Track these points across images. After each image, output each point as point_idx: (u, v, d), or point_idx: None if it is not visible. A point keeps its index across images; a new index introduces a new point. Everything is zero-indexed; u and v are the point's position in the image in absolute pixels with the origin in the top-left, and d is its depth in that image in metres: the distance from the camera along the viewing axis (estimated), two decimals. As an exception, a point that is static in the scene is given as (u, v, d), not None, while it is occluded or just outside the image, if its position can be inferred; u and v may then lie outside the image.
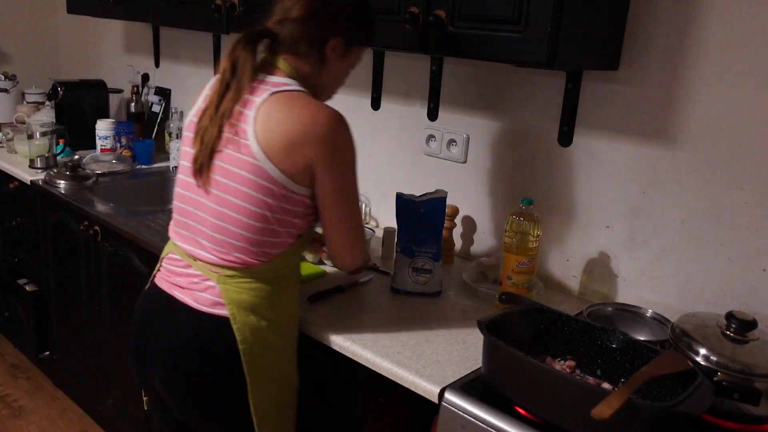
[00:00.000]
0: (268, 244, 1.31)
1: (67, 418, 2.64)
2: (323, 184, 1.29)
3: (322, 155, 1.26)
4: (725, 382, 1.15)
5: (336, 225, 1.36)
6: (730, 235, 1.47)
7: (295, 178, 1.27)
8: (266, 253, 1.32)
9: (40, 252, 2.65)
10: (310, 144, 1.25)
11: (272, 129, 1.25)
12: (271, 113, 1.26)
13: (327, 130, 1.26)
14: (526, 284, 1.55)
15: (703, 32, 1.45)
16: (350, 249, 1.40)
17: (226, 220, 1.29)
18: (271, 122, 1.26)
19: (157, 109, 3.00)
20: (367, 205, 2.16)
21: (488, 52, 1.43)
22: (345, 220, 1.36)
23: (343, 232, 1.37)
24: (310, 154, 1.26)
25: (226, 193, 1.29)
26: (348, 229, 1.37)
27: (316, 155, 1.26)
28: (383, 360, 1.33)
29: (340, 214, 1.34)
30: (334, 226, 1.36)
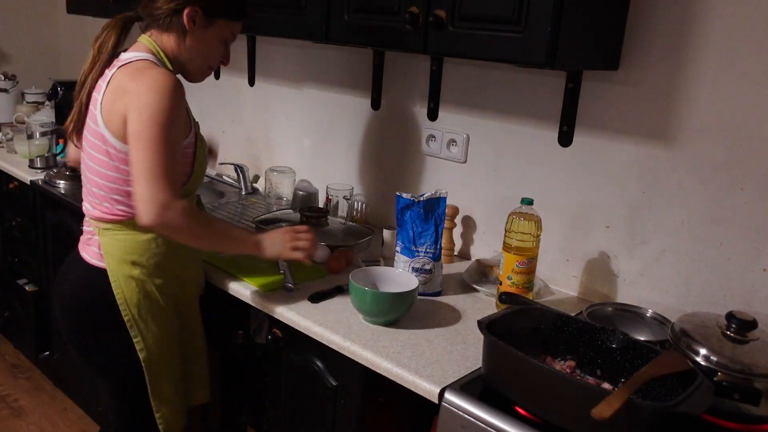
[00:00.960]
0: (124, 200, 1.44)
1: (67, 418, 2.64)
2: (129, 131, 1.35)
3: (129, 106, 1.34)
4: (725, 382, 1.15)
5: (134, 171, 1.35)
6: (730, 235, 1.47)
7: (119, 136, 1.38)
8: (127, 207, 1.44)
9: (40, 252, 2.65)
10: (124, 98, 1.36)
11: (110, 90, 1.41)
12: (116, 83, 1.40)
13: (143, 85, 1.34)
14: (526, 284, 1.55)
15: (702, 32, 1.45)
16: (142, 196, 1.33)
17: (94, 177, 1.46)
18: (113, 85, 1.40)
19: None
20: (367, 205, 2.16)
21: (488, 52, 1.43)
22: (138, 164, 1.33)
23: (136, 176, 1.34)
24: (123, 107, 1.36)
25: (88, 155, 1.47)
26: (140, 173, 1.33)
27: (126, 105, 1.35)
28: (383, 360, 1.33)
29: (136, 158, 1.34)
30: (132, 172, 1.36)
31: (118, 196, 1.44)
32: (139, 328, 1.50)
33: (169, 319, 1.55)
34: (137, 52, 1.45)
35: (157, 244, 1.49)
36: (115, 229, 1.48)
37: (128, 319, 1.48)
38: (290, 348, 1.57)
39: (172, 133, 1.35)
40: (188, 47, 1.47)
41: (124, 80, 1.39)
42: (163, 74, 1.37)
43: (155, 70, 1.38)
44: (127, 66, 1.42)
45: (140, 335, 1.50)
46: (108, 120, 1.40)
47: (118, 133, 1.39)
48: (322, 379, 1.50)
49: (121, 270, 1.47)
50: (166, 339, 1.54)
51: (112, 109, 1.39)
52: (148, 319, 1.50)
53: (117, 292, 1.47)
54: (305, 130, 2.40)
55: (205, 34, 1.47)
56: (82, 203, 1.55)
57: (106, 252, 1.48)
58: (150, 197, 1.32)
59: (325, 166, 2.37)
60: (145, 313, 1.49)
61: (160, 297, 1.51)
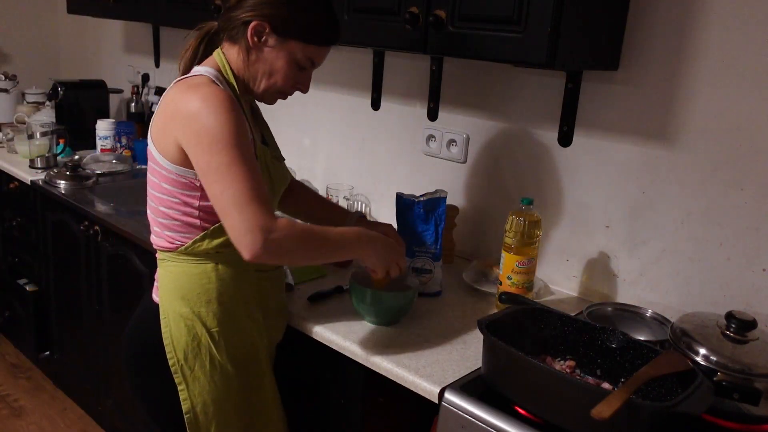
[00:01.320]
0: (177, 226, 1.32)
1: (67, 418, 2.64)
2: (195, 163, 1.22)
3: (185, 132, 1.21)
4: (725, 382, 1.15)
5: (218, 207, 1.20)
6: (730, 235, 1.47)
7: (171, 158, 1.26)
8: (173, 234, 1.33)
9: (40, 252, 2.65)
10: (175, 121, 1.23)
11: (159, 112, 1.30)
12: (167, 101, 1.29)
13: (193, 106, 1.20)
14: (526, 284, 1.55)
15: (702, 32, 1.45)
16: (234, 229, 1.17)
17: (148, 199, 1.37)
18: (162, 105, 1.30)
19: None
20: (367, 205, 2.16)
21: (488, 52, 1.43)
22: (218, 198, 1.18)
23: (221, 212, 1.19)
24: (177, 132, 1.23)
25: (149, 180, 1.36)
26: (223, 207, 1.18)
27: (182, 132, 1.22)
28: (383, 360, 1.33)
29: (214, 193, 1.19)
30: (216, 207, 1.21)
31: (164, 220, 1.32)
32: (184, 374, 1.34)
33: (223, 372, 1.35)
34: (201, 67, 1.31)
35: (209, 279, 1.32)
36: (168, 259, 1.35)
37: (173, 363, 1.33)
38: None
39: (241, 149, 1.18)
40: (251, 64, 1.30)
41: (174, 99, 1.26)
42: (214, 91, 1.22)
43: (207, 87, 1.23)
44: (181, 83, 1.28)
45: (185, 383, 1.34)
46: (157, 138, 1.28)
47: (167, 153, 1.26)
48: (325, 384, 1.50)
49: (171, 306, 1.34)
50: (216, 394, 1.35)
51: (162, 130, 1.27)
52: (195, 367, 1.33)
53: (164, 330, 1.33)
54: (305, 130, 2.40)
55: (271, 53, 1.29)
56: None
57: (160, 285, 1.37)
58: (247, 228, 1.15)
59: (325, 166, 2.37)
60: (192, 359, 1.33)
61: (212, 344, 1.33)
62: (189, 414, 1.36)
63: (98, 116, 2.88)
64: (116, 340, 2.23)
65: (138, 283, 2.05)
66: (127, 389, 1.53)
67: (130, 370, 1.45)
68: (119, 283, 2.19)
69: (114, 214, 2.19)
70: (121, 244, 2.11)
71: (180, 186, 1.28)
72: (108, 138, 2.75)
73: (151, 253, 1.91)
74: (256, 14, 1.26)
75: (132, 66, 3.21)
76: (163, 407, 1.42)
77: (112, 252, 2.18)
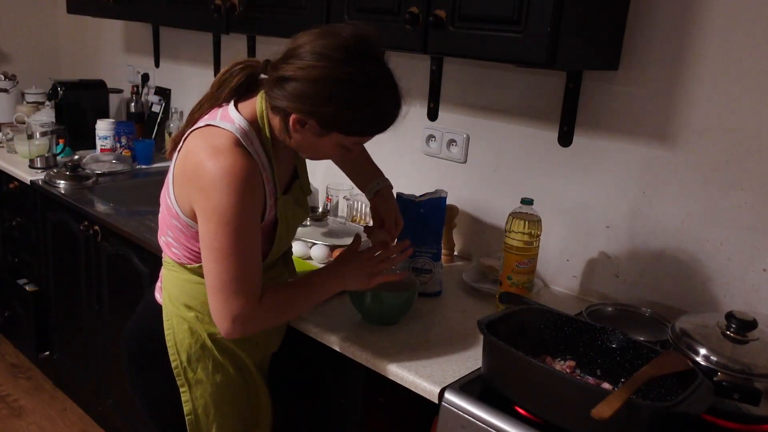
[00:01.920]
0: (184, 249, 1.32)
1: (67, 418, 2.64)
2: (200, 231, 1.21)
3: (198, 201, 1.20)
4: (725, 382, 1.15)
5: (208, 282, 1.21)
6: (730, 235, 1.47)
7: (184, 211, 1.26)
8: (179, 252, 1.33)
9: (40, 252, 2.65)
10: (192, 185, 1.22)
11: (182, 156, 1.26)
12: (188, 149, 1.25)
13: (209, 179, 1.17)
14: (526, 284, 1.55)
15: (703, 32, 1.45)
16: (217, 311, 1.20)
17: (161, 206, 1.36)
18: (186, 150, 1.26)
19: (157, 109, 3.00)
20: (367, 205, 2.16)
21: (488, 52, 1.43)
22: (211, 276, 1.20)
23: (210, 288, 1.21)
24: (192, 197, 1.22)
25: (163, 189, 1.35)
26: (213, 286, 1.20)
27: (195, 199, 1.21)
28: (383, 360, 1.33)
29: (209, 269, 1.20)
30: (206, 281, 1.22)
31: (173, 240, 1.33)
32: (187, 377, 1.35)
33: (225, 375, 1.37)
34: (235, 113, 1.24)
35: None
36: (174, 267, 1.36)
37: (176, 365, 1.35)
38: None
39: (246, 234, 1.19)
40: (295, 141, 1.24)
41: (197, 155, 1.20)
42: (234, 164, 1.16)
43: (228, 159, 1.17)
44: (207, 136, 1.22)
45: (187, 385, 1.35)
46: (176, 188, 1.27)
47: (181, 204, 1.26)
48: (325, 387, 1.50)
49: (175, 309, 1.35)
50: (217, 396, 1.37)
51: (181, 183, 1.25)
52: (197, 369, 1.35)
53: (168, 333, 1.34)
54: (305, 130, 2.39)
55: (316, 139, 1.22)
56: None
57: (164, 287, 1.38)
58: (227, 315, 1.19)
59: (325, 166, 2.37)
60: (194, 362, 1.34)
61: (215, 348, 1.35)
62: (190, 416, 1.36)
63: (98, 116, 2.88)
64: (116, 340, 2.23)
65: (138, 283, 2.05)
66: (127, 387, 1.52)
67: (131, 368, 1.45)
68: (119, 283, 2.19)
69: (114, 214, 2.19)
70: (121, 244, 2.11)
71: (189, 231, 1.29)
72: (108, 138, 2.75)
73: (151, 253, 1.92)
74: (298, 108, 1.17)
75: (132, 66, 3.21)
76: (162, 406, 1.42)
77: (112, 252, 2.18)
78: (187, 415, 1.36)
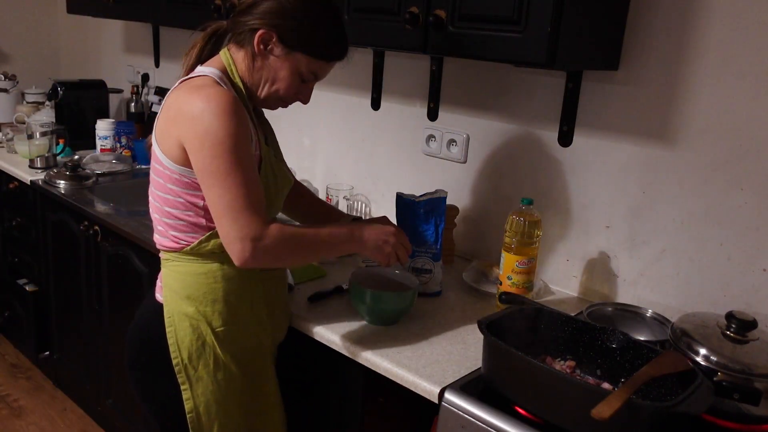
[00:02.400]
0: (182, 226, 1.31)
1: (67, 418, 2.64)
2: (194, 164, 1.22)
3: (186, 133, 1.21)
4: (725, 382, 1.15)
5: (213, 210, 1.23)
6: (730, 235, 1.47)
7: (174, 158, 1.26)
8: (180, 234, 1.32)
9: (40, 252, 2.65)
10: (178, 121, 1.23)
11: (163, 111, 1.30)
12: (171, 101, 1.28)
13: (197, 107, 1.20)
14: (526, 284, 1.55)
15: (702, 32, 1.45)
16: (227, 234, 1.21)
17: (151, 199, 1.36)
18: (166, 106, 1.29)
19: (157, 109, 3.00)
20: (367, 205, 2.16)
21: (488, 52, 1.43)
22: (214, 201, 1.21)
23: (216, 216, 1.22)
24: (179, 133, 1.23)
25: (150, 177, 1.35)
26: (218, 211, 1.21)
27: (184, 133, 1.22)
28: (383, 360, 1.33)
29: (211, 196, 1.21)
30: (211, 210, 1.23)
31: (169, 220, 1.32)
32: (188, 375, 1.34)
33: (227, 372, 1.36)
34: (206, 68, 1.31)
35: (215, 278, 1.33)
36: (173, 259, 1.35)
37: (176, 363, 1.34)
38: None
39: (241, 155, 1.20)
40: (256, 70, 1.30)
41: (179, 99, 1.26)
42: (218, 93, 1.21)
43: (211, 89, 1.22)
44: (185, 83, 1.28)
45: (188, 383, 1.35)
46: (161, 140, 1.28)
47: (170, 154, 1.26)
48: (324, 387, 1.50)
49: (176, 306, 1.34)
50: (219, 394, 1.36)
51: (166, 130, 1.27)
52: (199, 367, 1.34)
53: (169, 330, 1.34)
54: (305, 130, 2.40)
55: (276, 62, 1.29)
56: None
57: (165, 284, 1.37)
58: (237, 236, 1.19)
59: (325, 166, 2.37)
60: (196, 359, 1.34)
61: (217, 344, 1.34)
62: (192, 414, 1.36)
63: (98, 116, 2.88)
64: (116, 340, 2.24)
65: (138, 283, 2.05)
66: (130, 388, 1.52)
67: (133, 368, 1.45)
68: (119, 283, 2.19)
69: (114, 214, 2.19)
70: (121, 244, 2.11)
71: (184, 186, 1.28)
72: (108, 138, 2.75)
73: (151, 253, 1.92)
74: (265, 23, 1.26)
75: (132, 66, 3.21)
76: (165, 405, 1.41)
77: (112, 252, 2.18)
78: (189, 413, 1.36)
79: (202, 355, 1.34)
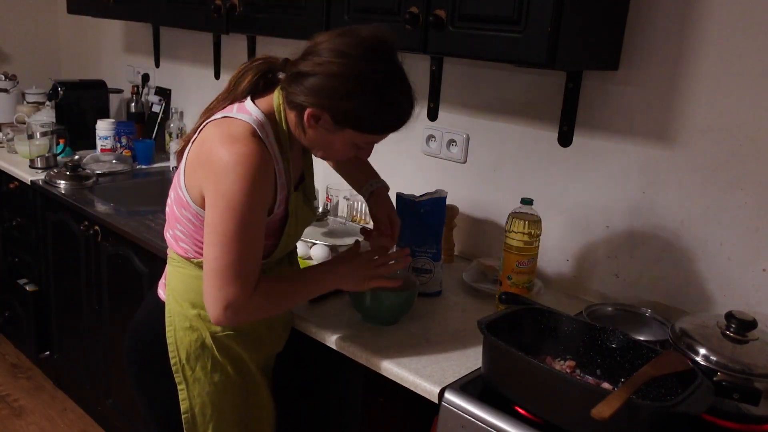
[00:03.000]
0: (192, 243, 1.32)
1: (67, 418, 2.64)
2: (205, 216, 1.22)
3: (208, 186, 1.21)
4: (725, 382, 1.15)
5: (206, 265, 1.21)
6: (730, 235, 1.47)
7: (194, 198, 1.26)
8: (187, 247, 1.33)
9: (40, 252, 2.65)
10: (204, 170, 1.22)
11: (196, 145, 1.27)
12: (203, 138, 1.25)
13: (222, 163, 1.18)
14: (526, 284, 1.55)
15: (703, 32, 1.45)
16: (211, 296, 1.20)
17: (169, 200, 1.35)
18: (201, 139, 1.26)
19: (157, 109, 3.00)
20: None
21: (488, 52, 1.43)
22: (210, 259, 1.20)
23: (207, 273, 1.21)
24: (203, 181, 1.22)
25: (173, 189, 1.34)
26: (210, 270, 1.20)
27: (206, 184, 1.21)
28: (383, 360, 1.33)
29: (209, 253, 1.20)
30: (204, 266, 1.22)
31: (181, 233, 1.32)
32: (185, 375, 1.35)
33: (224, 375, 1.36)
34: (253, 108, 1.25)
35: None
36: (180, 263, 1.35)
37: (174, 362, 1.34)
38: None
39: (251, 222, 1.19)
40: (306, 136, 1.25)
41: (211, 142, 1.22)
42: (250, 153, 1.17)
43: (245, 147, 1.18)
44: (224, 126, 1.23)
45: (184, 383, 1.35)
46: (188, 171, 1.27)
47: (192, 192, 1.26)
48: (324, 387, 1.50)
49: (178, 306, 1.35)
50: (215, 396, 1.36)
51: (193, 169, 1.25)
52: (196, 368, 1.34)
53: (168, 330, 1.34)
54: (305, 130, 2.39)
55: (329, 136, 1.24)
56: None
57: (168, 283, 1.38)
58: (219, 301, 1.19)
59: (325, 166, 2.36)
60: (193, 360, 1.34)
61: (216, 347, 1.34)
62: (187, 414, 1.36)
63: (98, 116, 2.88)
64: (116, 340, 2.24)
65: (138, 283, 2.05)
66: (129, 384, 1.52)
67: (132, 365, 1.45)
68: (119, 283, 2.19)
69: (114, 214, 2.19)
70: (121, 244, 2.11)
71: (198, 221, 1.28)
72: (108, 138, 2.75)
73: (152, 253, 1.92)
74: (315, 102, 1.19)
75: (132, 66, 3.21)
76: (161, 404, 1.41)
77: (112, 252, 2.18)
78: (184, 413, 1.36)
79: (200, 357, 1.34)
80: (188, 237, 1.32)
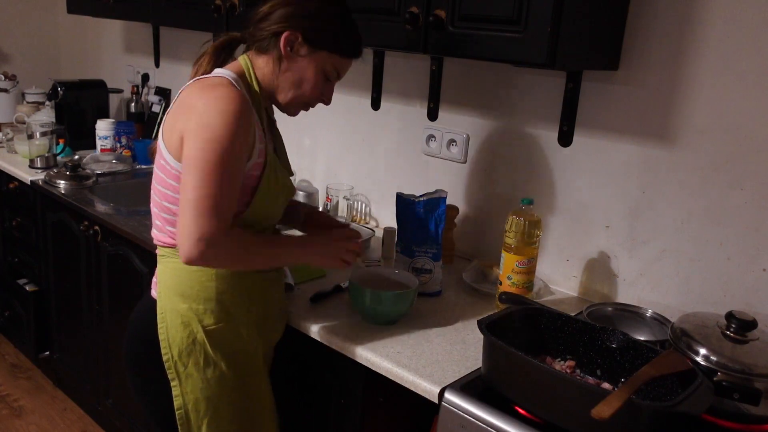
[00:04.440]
0: (175, 221, 1.31)
1: (67, 418, 2.64)
2: (183, 152, 1.22)
3: (187, 124, 1.22)
4: (725, 382, 1.15)
5: (182, 198, 1.21)
6: (730, 235, 1.47)
7: (175, 154, 1.27)
8: (176, 230, 1.31)
9: (40, 252, 2.65)
10: (184, 114, 1.24)
11: (173, 107, 1.31)
12: (183, 97, 1.30)
13: (204, 103, 1.22)
14: (526, 284, 1.55)
15: (702, 32, 1.45)
16: (185, 228, 1.19)
17: (152, 194, 1.36)
18: (178, 101, 1.31)
19: (157, 109, 3.00)
20: (367, 205, 2.16)
21: (488, 52, 1.43)
22: (188, 189, 1.19)
23: (182, 204, 1.20)
24: (182, 124, 1.24)
25: (154, 171, 1.35)
26: (187, 201, 1.19)
27: (185, 125, 1.23)
28: (383, 360, 1.33)
29: (185, 183, 1.20)
30: (180, 199, 1.22)
31: (166, 215, 1.33)
32: (178, 371, 1.34)
33: (217, 371, 1.35)
34: (223, 70, 1.32)
35: (209, 277, 1.32)
36: (168, 255, 1.35)
37: (167, 359, 1.34)
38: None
39: (231, 158, 1.20)
40: (281, 73, 1.32)
41: (191, 96, 1.26)
42: (230, 93, 1.22)
43: (224, 88, 1.23)
44: (198, 81, 1.29)
45: (177, 379, 1.35)
46: (167, 135, 1.29)
47: (172, 149, 1.27)
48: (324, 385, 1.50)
49: (169, 302, 1.34)
50: (208, 392, 1.35)
51: (173, 126, 1.27)
52: (189, 364, 1.34)
53: (160, 326, 1.34)
54: (305, 130, 2.40)
55: (302, 62, 1.32)
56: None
57: (159, 280, 1.37)
58: (193, 231, 1.17)
59: (325, 166, 2.37)
60: (186, 356, 1.33)
61: (207, 342, 1.33)
62: (180, 411, 1.36)
63: (98, 116, 2.88)
64: (116, 340, 2.24)
65: (138, 283, 2.05)
66: (128, 385, 1.51)
67: (131, 366, 1.45)
68: (119, 283, 2.19)
69: (114, 214, 2.19)
70: (121, 244, 2.11)
71: (179, 181, 1.27)
72: (108, 138, 2.75)
73: (151, 252, 1.92)
74: (288, 25, 1.30)
75: (132, 66, 3.21)
76: (159, 402, 1.41)
77: (112, 252, 2.18)
78: (177, 410, 1.36)
79: (192, 353, 1.34)
80: (172, 216, 1.32)
